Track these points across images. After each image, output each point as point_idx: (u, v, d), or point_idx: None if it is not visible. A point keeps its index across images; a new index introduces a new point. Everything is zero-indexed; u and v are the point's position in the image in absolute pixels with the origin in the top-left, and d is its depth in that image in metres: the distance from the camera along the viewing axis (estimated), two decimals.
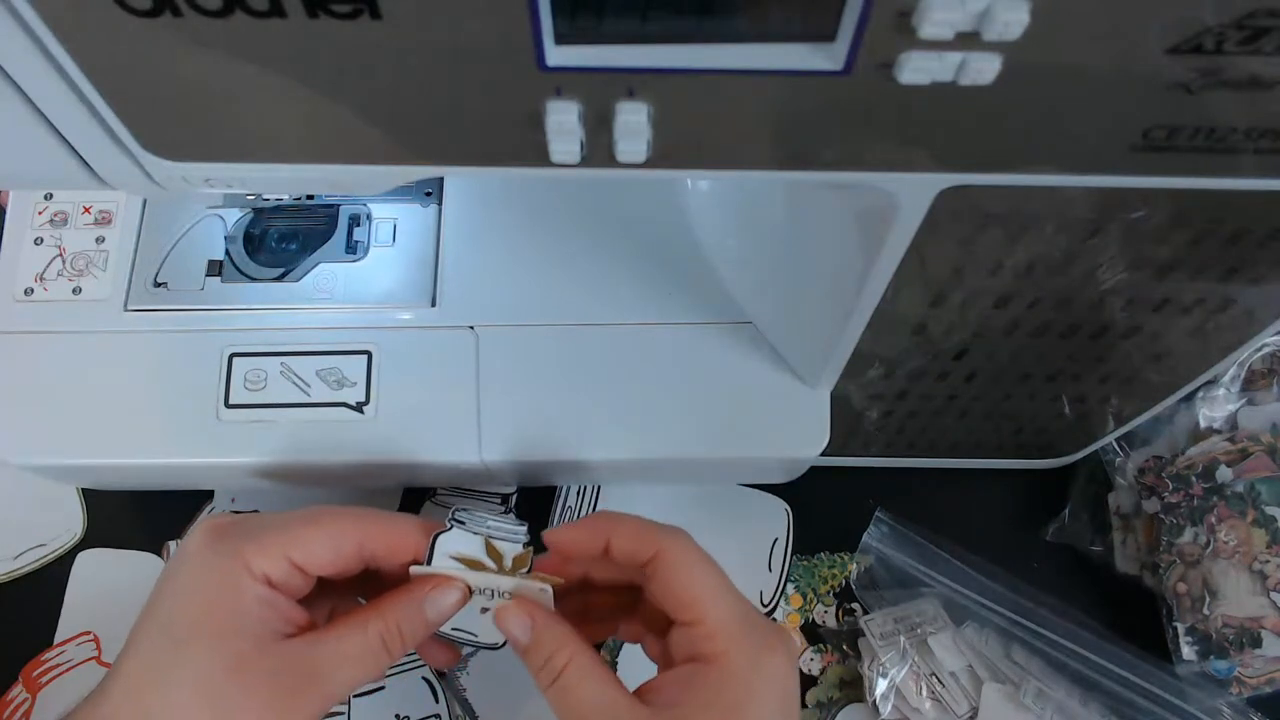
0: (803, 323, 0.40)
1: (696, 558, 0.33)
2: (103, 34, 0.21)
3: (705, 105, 0.23)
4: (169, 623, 0.32)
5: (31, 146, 0.25)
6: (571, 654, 0.32)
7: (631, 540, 0.33)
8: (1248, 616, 0.44)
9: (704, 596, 0.32)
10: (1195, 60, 0.21)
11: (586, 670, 0.32)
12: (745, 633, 0.32)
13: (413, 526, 0.35)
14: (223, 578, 0.32)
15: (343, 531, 0.34)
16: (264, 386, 0.42)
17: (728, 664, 0.31)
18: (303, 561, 0.33)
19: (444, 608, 0.34)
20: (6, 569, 0.50)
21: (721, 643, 0.31)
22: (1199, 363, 0.39)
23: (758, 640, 0.32)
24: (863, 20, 0.21)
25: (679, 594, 0.32)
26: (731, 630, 0.31)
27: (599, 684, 0.32)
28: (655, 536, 0.33)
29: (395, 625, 0.34)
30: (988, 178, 0.26)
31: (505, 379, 0.43)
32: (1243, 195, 0.27)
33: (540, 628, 0.33)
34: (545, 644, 0.33)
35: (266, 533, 0.33)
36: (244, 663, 0.32)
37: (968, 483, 0.51)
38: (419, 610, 0.34)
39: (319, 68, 0.22)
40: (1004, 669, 0.45)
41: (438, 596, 0.34)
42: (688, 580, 0.32)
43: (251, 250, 0.45)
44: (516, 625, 0.33)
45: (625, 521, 0.34)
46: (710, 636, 0.31)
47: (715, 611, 0.32)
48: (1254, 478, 0.45)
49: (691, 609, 0.32)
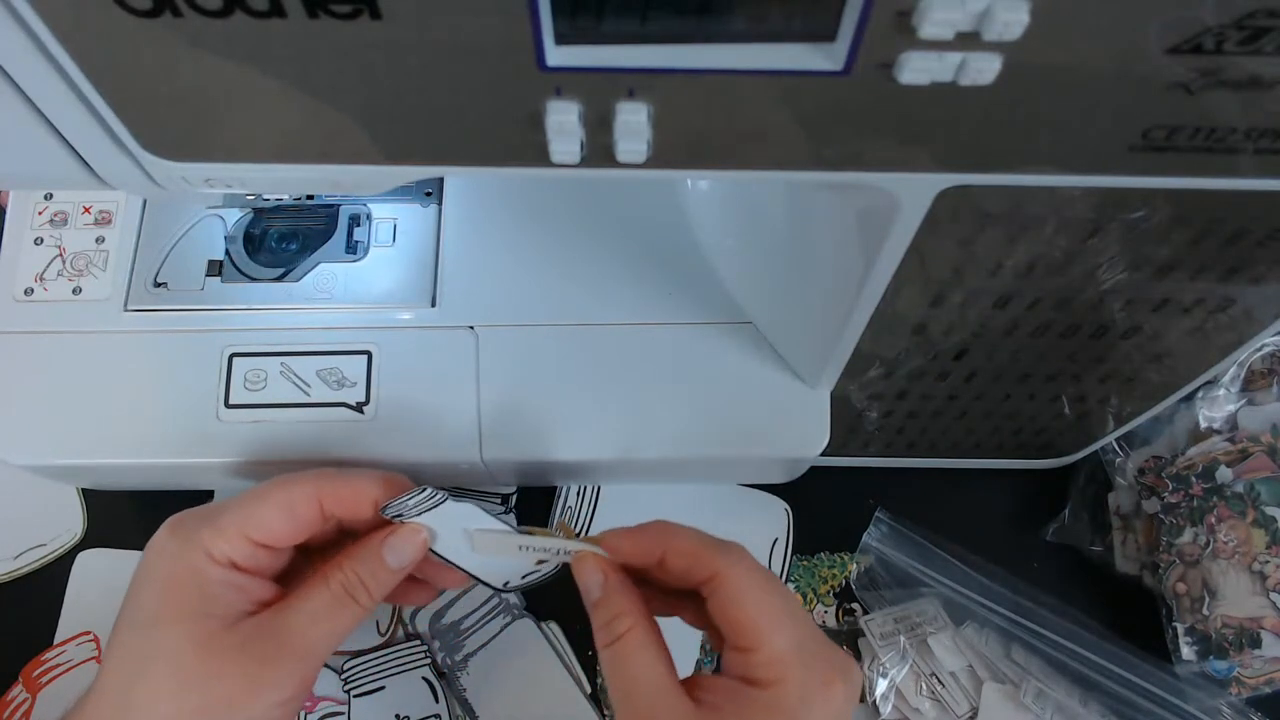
0: (803, 323, 0.40)
1: (755, 582, 0.32)
2: (103, 34, 0.21)
3: (705, 105, 0.23)
4: (137, 614, 0.33)
5: (31, 146, 0.25)
6: (634, 622, 0.32)
7: (687, 558, 0.33)
8: (1247, 617, 0.44)
9: (762, 625, 0.31)
10: (1195, 60, 0.21)
11: (644, 644, 0.32)
12: (802, 664, 0.31)
13: (369, 481, 0.35)
14: (184, 565, 0.33)
15: (296, 498, 0.34)
16: (264, 386, 0.42)
17: (778, 694, 0.30)
18: (263, 537, 0.34)
19: (405, 553, 0.35)
20: (6, 569, 0.50)
21: (776, 672, 0.30)
22: (1199, 363, 0.39)
23: (815, 673, 0.31)
24: (863, 20, 0.21)
25: (736, 620, 0.31)
26: (788, 660, 0.30)
27: (653, 661, 0.31)
28: (713, 557, 0.32)
29: (355, 575, 0.34)
30: (988, 178, 0.26)
31: (505, 379, 0.43)
32: (1243, 195, 0.27)
33: (611, 587, 0.33)
34: (612, 604, 0.33)
35: (223, 516, 0.34)
36: (211, 641, 0.32)
37: (968, 483, 0.51)
38: (378, 557, 0.34)
39: (319, 68, 0.22)
40: (1004, 669, 0.45)
41: (397, 542, 0.34)
42: (745, 607, 0.31)
43: (251, 250, 0.45)
44: (590, 578, 0.33)
45: (683, 537, 0.33)
46: (765, 665, 0.31)
47: (772, 641, 0.31)
48: (1254, 478, 0.45)
49: (747, 636, 0.31)
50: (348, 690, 0.47)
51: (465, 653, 0.48)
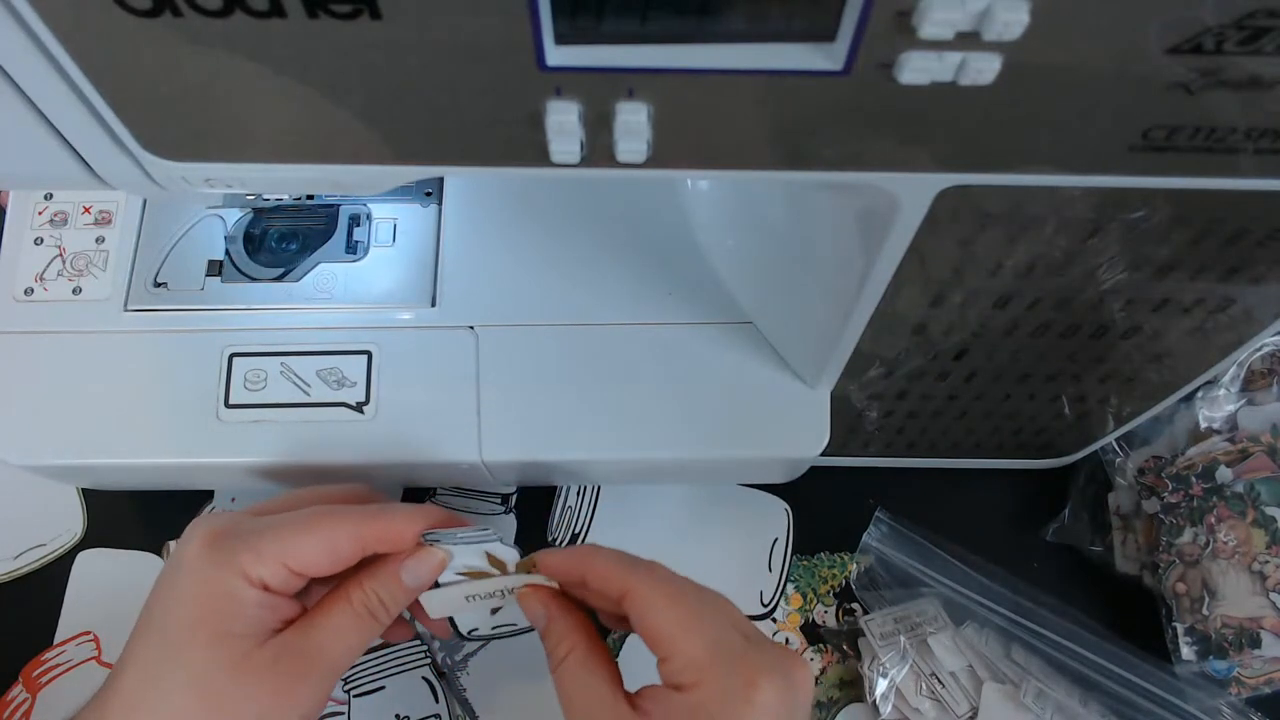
0: (803, 323, 0.40)
1: (664, 592, 0.33)
2: (103, 34, 0.21)
3: (705, 105, 0.23)
4: (165, 629, 0.33)
5: (31, 146, 0.25)
6: (573, 644, 0.34)
7: (603, 580, 0.34)
8: (1247, 617, 0.44)
9: (672, 632, 0.32)
10: (1195, 60, 0.21)
11: (584, 662, 0.34)
12: (722, 666, 0.31)
13: (409, 519, 0.36)
14: (219, 585, 0.33)
15: (340, 538, 0.35)
16: (264, 386, 0.42)
17: (698, 697, 0.31)
18: (301, 568, 0.34)
19: (422, 574, 0.36)
20: (6, 569, 0.50)
21: (692, 675, 0.31)
22: (1199, 363, 0.39)
23: (737, 675, 0.31)
24: (863, 20, 0.21)
25: (650, 629, 0.33)
26: (702, 665, 0.31)
27: (592, 677, 0.34)
28: (625, 575, 0.34)
29: (374, 594, 0.35)
30: (988, 178, 0.26)
31: (505, 379, 0.43)
32: (1243, 195, 0.27)
33: (553, 615, 0.36)
34: (555, 629, 0.35)
35: (263, 540, 0.34)
36: (245, 660, 0.32)
37: (968, 483, 0.51)
38: (395, 578, 0.36)
39: (319, 68, 0.22)
40: (1004, 669, 0.45)
41: (413, 564, 0.36)
42: (653, 616, 0.33)
43: (251, 250, 0.45)
44: (534, 610, 0.36)
45: (601, 558, 0.35)
46: (681, 670, 0.32)
47: (684, 647, 0.32)
48: (1254, 478, 0.45)
49: (662, 645, 0.32)
50: (348, 690, 0.47)
51: (465, 653, 0.48)
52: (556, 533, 0.51)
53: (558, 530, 0.51)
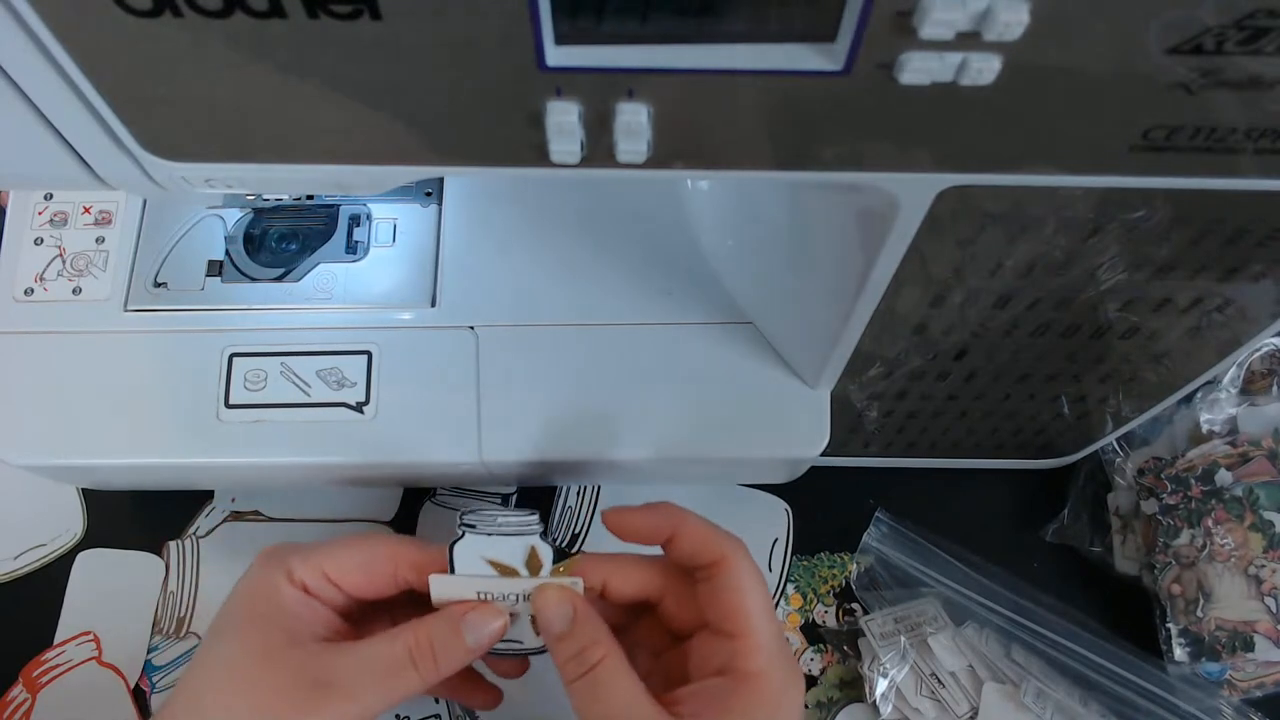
0: (803, 323, 0.40)
1: (754, 573, 0.33)
2: (103, 34, 0.21)
3: (705, 105, 0.23)
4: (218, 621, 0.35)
5: (31, 146, 0.25)
6: (608, 650, 0.32)
7: (697, 541, 0.33)
8: (1241, 620, 0.44)
9: (756, 613, 0.32)
10: (1195, 60, 0.21)
11: (620, 670, 0.32)
12: (782, 659, 0.32)
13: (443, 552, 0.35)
14: (264, 579, 0.34)
15: (374, 558, 0.35)
16: (264, 386, 0.42)
17: (763, 684, 0.31)
18: (336, 576, 0.35)
19: (484, 634, 0.33)
20: (6, 569, 0.50)
21: (762, 661, 0.31)
22: (1198, 363, 0.39)
23: (791, 670, 0.32)
24: (863, 20, 0.21)
25: (733, 605, 0.32)
26: (772, 651, 0.32)
27: (631, 687, 0.31)
28: (722, 542, 0.33)
29: (427, 641, 0.33)
30: (988, 178, 0.26)
31: (505, 379, 0.43)
32: (1243, 195, 0.27)
33: (581, 617, 0.33)
34: (583, 634, 0.32)
35: (310, 549, 0.35)
36: (272, 651, 0.33)
37: (968, 483, 0.51)
38: (455, 631, 0.33)
39: (319, 68, 0.22)
40: (1004, 669, 0.45)
41: (477, 621, 0.33)
42: (745, 594, 0.32)
43: (251, 250, 0.45)
44: (557, 610, 0.33)
45: (693, 520, 0.34)
46: (752, 653, 0.31)
47: (762, 630, 0.32)
48: (1253, 481, 0.45)
49: (740, 622, 0.32)
50: None
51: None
52: (556, 533, 0.51)
53: (558, 530, 0.51)
